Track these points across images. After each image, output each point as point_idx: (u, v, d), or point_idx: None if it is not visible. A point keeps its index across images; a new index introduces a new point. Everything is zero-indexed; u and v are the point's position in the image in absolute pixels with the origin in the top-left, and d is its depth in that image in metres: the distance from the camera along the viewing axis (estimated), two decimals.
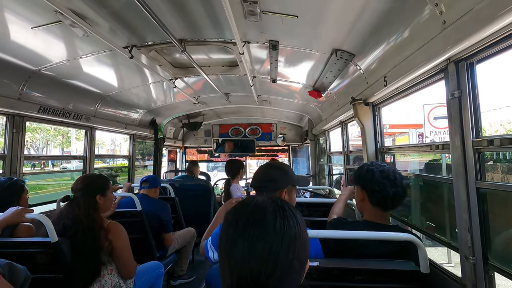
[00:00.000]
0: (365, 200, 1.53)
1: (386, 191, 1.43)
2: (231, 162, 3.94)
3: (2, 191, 1.85)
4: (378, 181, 1.45)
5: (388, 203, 1.46)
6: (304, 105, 4.44)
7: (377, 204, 1.49)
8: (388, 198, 1.44)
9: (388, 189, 1.43)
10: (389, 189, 1.43)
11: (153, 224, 2.76)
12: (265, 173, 1.55)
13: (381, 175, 1.46)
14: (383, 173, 1.47)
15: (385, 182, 1.44)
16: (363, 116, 2.33)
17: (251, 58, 2.74)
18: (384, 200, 1.46)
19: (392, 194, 1.44)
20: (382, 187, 1.44)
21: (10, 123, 2.45)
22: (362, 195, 1.54)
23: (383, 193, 1.44)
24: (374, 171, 1.49)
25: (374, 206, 1.50)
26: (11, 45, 2.03)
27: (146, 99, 4.10)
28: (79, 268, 1.69)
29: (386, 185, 1.43)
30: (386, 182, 1.44)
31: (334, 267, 1.25)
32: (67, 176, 16.71)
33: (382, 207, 1.49)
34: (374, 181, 1.47)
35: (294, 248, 0.66)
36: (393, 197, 1.44)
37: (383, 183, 1.44)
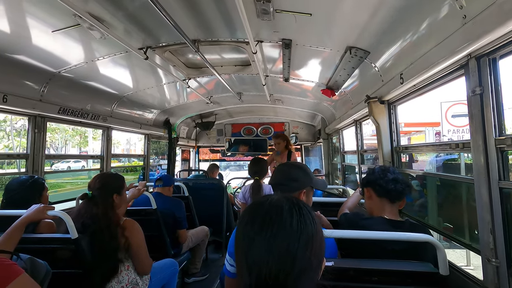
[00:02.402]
0: (371, 196, 1.60)
1: (387, 177, 1.55)
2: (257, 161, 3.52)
3: (24, 189, 1.91)
4: (378, 173, 1.60)
5: (391, 188, 1.52)
6: (317, 104, 4.40)
7: (383, 194, 1.55)
8: (390, 182, 1.53)
9: (389, 176, 1.55)
10: (389, 176, 1.55)
11: (168, 222, 2.80)
12: (286, 172, 1.55)
13: (381, 169, 1.63)
14: (383, 168, 1.64)
15: (385, 172, 1.58)
16: (378, 114, 2.28)
17: (264, 57, 2.74)
18: (387, 185, 1.53)
19: (393, 179, 1.54)
20: (383, 175, 1.57)
21: (32, 124, 2.55)
22: (368, 193, 1.63)
23: (384, 178, 1.55)
24: (375, 168, 1.66)
25: (381, 198, 1.56)
26: (33, 49, 2.11)
27: (160, 100, 4.18)
28: (98, 264, 1.74)
29: (386, 174, 1.57)
30: (386, 172, 1.58)
31: (350, 267, 1.23)
32: (84, 174, 17.22)
33: (388, 197, 1.54)
34: (374, 174, 1.61)
35: (312, 245, 0.66)
36: (394, 181, 1.53)
37: (384, 173, 1.58)
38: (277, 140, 4.32)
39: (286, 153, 4.25)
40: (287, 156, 4.21)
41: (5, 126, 24.63)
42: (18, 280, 1.00)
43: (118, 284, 1.82)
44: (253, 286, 0.62)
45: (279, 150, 4.28)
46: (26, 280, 1.05)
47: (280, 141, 4.28)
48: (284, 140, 4.31)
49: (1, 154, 6.10)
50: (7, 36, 1.91)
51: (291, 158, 4.15)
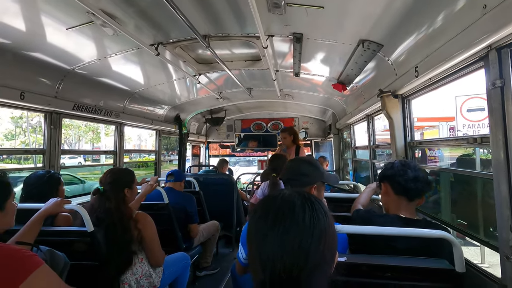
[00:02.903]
0: (388, 192, 1.52)
1: (407, 175, 1.45)
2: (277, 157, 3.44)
3: (42, 184, 1.97)
4: (399, 169, 1.49)
5: (410, 187, 1.44)
6: (328, 99, 4.35)
7: (401, 192, 1.47)
8: (410, 181, 1.43)
9: (409, 173, 1.45)
10: (410, 173, 1.45)
11: (179, 216, 2.85)
12: (297, 167, 1.56)
13: (401, 163, 1.51)
14: (404, 162, 1.52)
15: (405, 168, 1.47)
16: (392, 108, 2.24)
17: (274, 51, 2.72)
18: (406, 184, 1.44)
19: (413, 177, 1.44)
20: (403, 172, 1.46)
21: (48, 120, 2.62)
22: (385, 188, 1.55)
23: (404, 176, 1.45)
24: (395, 163, 1.54)
25: (398, 196, 1.48)
26: (48, 46, 2.15)
27: (171, 95, 4.21)
28: (113, 256, 1.78)
29: (407, 171, 1.46)
30: (406, 168, 1.47)
31: (363, 263, 1.22)
32: (97, 170, 17.60)
33: (406, 195, 1.46)
34: (394, 169, 1.50)
35: (325, 240, 0.65)
36: (415, 180, 1.44)
37: (404, 169, 1.47)
38: (284, 134, 3.98)
39: (294, 148, 3.98)
40: (295, 151, 3.95)
41: (21, 123, 25.40)
42: (39, 271, 1.04)
43: (132, 276, 1.86)
44: (267, 281, 0.62)
45: (286, 145, 4.00)
46: (46, 271, 1.09)
47: (286, 135, 3.96)
48: (291, 134, 3.97)
49: (19, 150, 6.32)
50: (23, 34, 1.96)
51: (299, 154, 3.91)
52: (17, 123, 25.53)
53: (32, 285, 1.00)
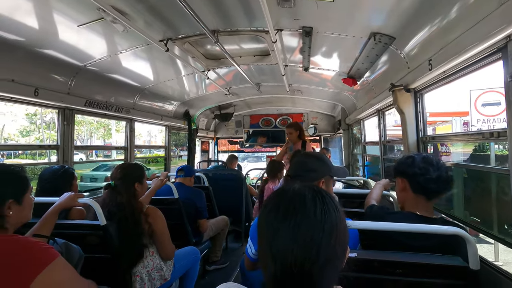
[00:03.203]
0: (406, 189, 1.41)
1: (429, 174, 1.32)
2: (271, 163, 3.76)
3: (57, 178, 2.02)
4: (420, 165, 1.35)
5: (431, 188, 1.34)
6: (337, 94, 4.30)
7: (420, 191, 1.36)
8: (431, 181, 1.32)
9: (431, 172, 1.32)
10: (432, 172, 1.32)
11: (189, 211, 2.88)
12: (303, 163, 1.53)
13: (422, 160, 1.37)
14: (425, 159, 1.37)
15: (427, 166, 1.34)
16: (404, 103, 2.19)
17: (283, 46, 2.69)
18: (427, 185, 1.33)
19: (436, 177, 1.32)
20: (424, 170, 1.33)
21: (61, 116, 2.67)
22: (402, 185, 1.43)
23: (426, 175, 1.33)
24: (415, 157, 1.40)
25: (416, 194, 1.37)
26: (61, 43, 2.19)
27: (180, 91, 4.24)
28: (125, 249, 1.82)
29: (429, 169, 1.33)
30: (429, 166, 1.34)
31: (374, 259, 1.21)
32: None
33: (425, 194, 1.36)
34: (415, 166, 1.36)
35: (336, 233, 0.65)
36: (437, 180, 1.32)
37: (425, 167, 1.34)
38: (289, 129, 3.89)
39: (300, 144, 3.88)
40: (301, 147, 3.86)
41: (35, 119, 26.07)
42: (55, 263, 1.07)
43: (143, 268, 1.90)
44: (278, 273, 0.62)
45: (292, 140, 3.92)
46: (62, 263, 1.12)
47: (292, 131, 3.86)
48: (297, 129, 3.86)
49: (34, 145, 6.53)
50: (36, 31, 2.00)
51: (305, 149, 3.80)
52: (31, 120, 26.22)
53: (49, 277, 1.04)
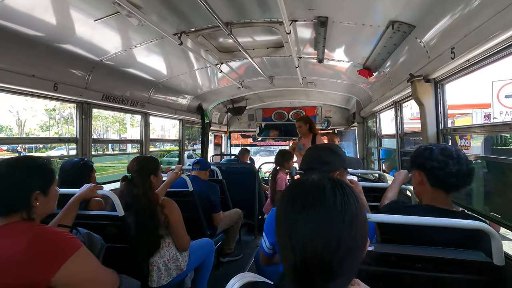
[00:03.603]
0: (423, 182, 1.34)
1: (449, 168, 1.24)
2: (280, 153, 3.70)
3: (77, 170, 2.10)
4: (438, 159, 1.26)
5: (451, 182, 1.26)
6: (352, 86, 4.21)
7: (438, 185, 1.29)
8: (451, 175, 1.24)
9: (451, 166, 1.24)
10: (452, 166, 1.24)
11: (203, 204, 2.91)
12: (317, 155, 1.50)
13: (441, 153, 1.28)
14: (444, 151, 1.28)
15: (447, 159, 1.25)
16: (423, 94, 2.11)
17: (297, 37, 2.64)
18: (446, 179, 1.26)
19: (456, 171, 1.23)
20: (443, 164, 1.25)
21: (80, 110, 2.74)
22: (419, 178, 1.36)
23: (445, 169, 1.24)
24: (433, 149, 1.31)
25: (435, 188, 1.30)
26: (78, 38, 2.23)
27: (193, 85, 4.26)
28: (142, 240, 1.87)
29: (448, 163, 1.24)
30: (448, 159, 1.25)
31: (392, 253, 1.19)
32: (124, 159, 18.40)
33: (444, 188, 1.29)
34: (433, 159, 1.28)
35: (356, 224, 0.64)
36: (457, 174, 1.24)
37: (444, 160, 1.25)
38: (299, 123, 3.86)
39: (311, 137, 3.85)
40: (311, 140, 3.83)
41: (54, 114, 26.97)
42: (79, 252, 1.10)
43: (160, 259, 1.95)
44: (298, 264, 0.62)
45: (302, 134, 3.92)
46: (85, 252, 1.16)
47: (301, 124, 3.83)
48: (307, 122, 3.85)
49: (55, 139, 6.77)
50: (54, 27, 2.04)
51: (316, 142, 3.79)
52: (50, 115, 27.14)
53: (73, 266, 1.07)
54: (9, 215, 1.10)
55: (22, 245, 1.02)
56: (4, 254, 1.01)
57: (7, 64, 2.00)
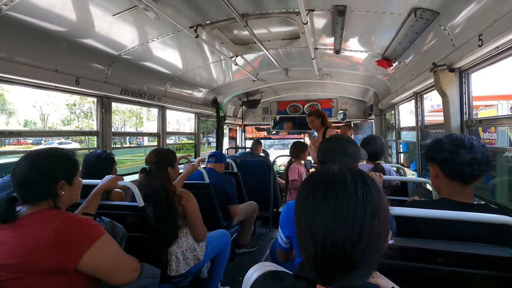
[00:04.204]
0: (438, 175, 1.29)
1: (461, 158, 1.18)
2: None
3: (100, 162, 2.17)
4: (449, 149, 1.22)
5: (465, 172, 1.20)
6: (370, 77, 4.10)
7: (454, 177, 1.24)
8: (464, 164, 1.18)
9: (463, 155, 1.18)
10: (464, 155, 1.18)
11: (219, 196, 2.95)
12: (336, 147, 1.47)
13: (451, 142, 1.23)
14: (455, 140, 1.23)
15: (458, 149, 1.20)
16: (447, 84, 2.02)
17: (314, 28, 2.59)
18: (460, 169, 1.20)
19: (470, 160, 1.17)
20: (455, 154, 1.20)
21: (100, 104, 2.82)
22: (434, 171, 1.31)
23: (457, 159, 1.19)
24: (443, 140, 1.27)
25: (451, 180, 1.25)
26: (98, 33, 2.28)
27: (208, 79, 4.28)
28: (161, 230, 1.92)
29: (460, 152, 1.19)
30: (459, 148, 1.20)
31: (412, 247, 1.16)
32: (141, 152, 18.86)
33: (461, 180, 1.23)
34: (444, 150, 1.23)
35: (379, 214, 0.62)
36: (471, 163, 1.18)
37: (456, 150, 1.20)
38: (311, 117, 3.73)
39: (322, 131, 3.73)
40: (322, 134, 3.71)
41: (75, 109, 27.94)
42: (102, 239, 1.15)
43: (178, 248, 2.00)
44: (319, 254, 0.61)
45: (314, 128, 3.81)
46: (109, 239, 1.21)
47: (314, 119, 3.71)
48: (319, 116, 3.73)
49: (77, 131, 7.02)
50: (75, 23, 2.09)
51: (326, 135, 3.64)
52: (71, 110, 28.13)
53: (97, 251, 1.12)
54: (38, 203, 1.16)
55: (51, 231, 1.07)
56: (34, 239, 1.06)
57: (32, 60, 2.08)
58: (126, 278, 1.26)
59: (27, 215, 1.13)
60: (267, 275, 0.76)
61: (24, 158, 1.17)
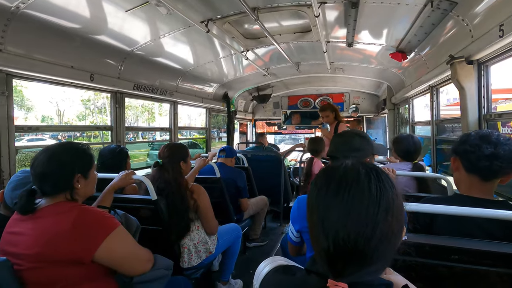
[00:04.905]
0: (459, 168, 1.27)
1: (481, 151, 1.16)
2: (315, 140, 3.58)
3: (114, 156, 2.23)
4: (472, 142, 1.19)
5: (483, 166, 1.17)
6: (383, 71, 4.01)
7: (472, 170, 1.22)
8: (482, 158, 1.16)
9: (484, 149, 1.15)
10: (484, 149, 1.15)
11: (230, 190, 2.98)
12: (347, 142, 1.46)
13: (477, 136, 1.20)
14: (482, 135, 1.20)
15: (481, 142, 1.17)
16: (464, 77, 1.96)
17: (326, 20, 2.54)
18: (477, 162, 1.18)
19: (489, 154, 1.15)
20: (476, 147, 1.17)
21: (113, 99, 2.88)
22: (456, 164, 1.29)
23: (477, 153, 1.17)
24: (471, 134, 1.24)
25: (470, 174, 1.23)
26: (111, 30, 2.32)
27: (219, 74, 4.28)
28: (174, 223, 1.96)
29: (482, 146, 1.16)
30: (482, 143, 1.17)
31: (426, 243, 1.14)
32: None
33: (479, 174, 1.20)
34: (467, 142, 1.21)
35: (393, 210, 0.62)
36: (491, 157, 1.15)
37: (478, 144, 1.17)
38: (325, 112, 3.84)
39: (334, 125, 3.81)
40: (334, 128, 3.78)
41: (89, 105, 28.59)
42: (117, 231, 1.19)
43: (190, 241, 2.04)
44: (331, 248, 0.61)
45: (329, 123, 3.89)
46: (123, 231, 1.24)
47: (328, 113, 3.82)
48: (333, 110, 3.84)
49: (92, 127, 7.22)
50: (89, 19, 2.13)
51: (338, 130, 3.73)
52: (86, 105, 28.79)
53: (112, 243, 1.16)
54: (55, 195, 1.20)
55: (68, 223, 1.11)
56: (52, 230, 1.11)
57: (49, 57, 2.13)
58: (140, 269, 1.30)
59: (45, 207, 1.17)
60: (279, 269, 0.77)
61: (42, 152, 1.21)
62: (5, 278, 1.05)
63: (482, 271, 1.09)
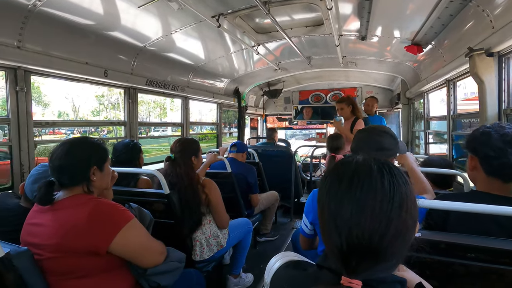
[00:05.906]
0: (477, 168, 1.19)
1: (507, 158, 1.07)
2: None
3: (128, 151, 2.27)
4: (495, 145, 1.09)
5: (506, 173, 1.11)
6: (397, 65, 3.91)
7: (494, 174, 1.14)
8: (507, 167, 1.08)
9: (509, 155, 1.07)
10: (510, 155, 1.07)
11: (241, 185, 2.99)
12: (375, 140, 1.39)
13: (500, 138, 1.10)
14: (504, 136, 1.09)
15: (506, 147, 1.08)
16: (484, 70, 1.88)
17: (339, 13, 2.49)
18: (501, 170, 1.10)
19: None
20: (499, 152, 1.08)
21: (127, 95, 2.93)
22: (473, 163, 1.20)
23: (500, 159, 1.08)
24: (491, 134, 1.12)
25: (490, 177, 1.15)
26: (124, 26, 2.35)
27: (230, 69, 4.28)
28: (186, 217, 1.99)
29: (507, 152, 1.07)
30: (507, 147, 1.07)
31: (441, 241, 1.12)
32: (165, 141, 19.39)
33: (501, 178, 1.13)
34: (489, 145, 1.11)
35: (407, 206, 0.61)
36: None
37: (502, 148, 1.08)
38: (341, 104, 3.47)
39: (351, 121, 3.44)
40: (351, 124, 3.44)
41: (103, 100, 29.18)
42: (131, 223, 1.22)
43: (202, 235, 2.07)
44: (344, 245, 0.60)
45: (344, 117, 3.54)
46: (137, 223, 1.28)
47: (344, 106, 3.45)
48: (350, 104, 3.47)
49: (106, 122, 7.37)
50: (102, 16, 2.16)
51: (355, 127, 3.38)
52: (100, 101, 29.40)
53: (126, 235, 1.19)
54: (73, 187, 1.24)
55: (84, 215, 1.15)
56: (70, 222, 1.15)
57: (65, 53, 2.18)
58: (154, 261, 1.33)
59: (63, 199, 1.21)
60: (290, 264, 0.77)
61: (60, 146, 1.26)
62: (26, 267, 1.10)
63: (499, 270, 1.06)
